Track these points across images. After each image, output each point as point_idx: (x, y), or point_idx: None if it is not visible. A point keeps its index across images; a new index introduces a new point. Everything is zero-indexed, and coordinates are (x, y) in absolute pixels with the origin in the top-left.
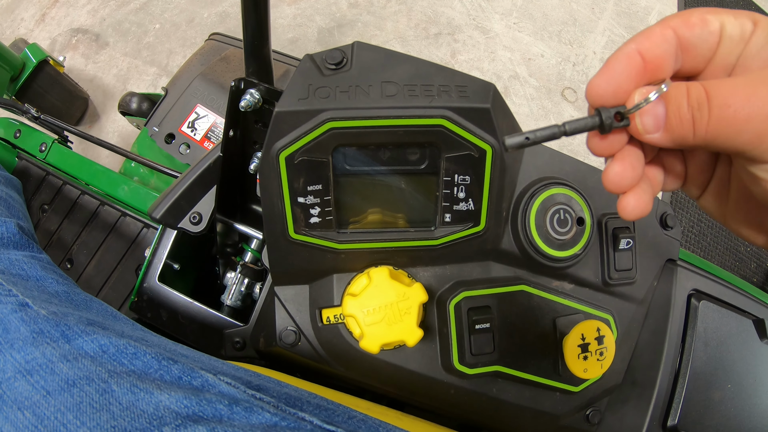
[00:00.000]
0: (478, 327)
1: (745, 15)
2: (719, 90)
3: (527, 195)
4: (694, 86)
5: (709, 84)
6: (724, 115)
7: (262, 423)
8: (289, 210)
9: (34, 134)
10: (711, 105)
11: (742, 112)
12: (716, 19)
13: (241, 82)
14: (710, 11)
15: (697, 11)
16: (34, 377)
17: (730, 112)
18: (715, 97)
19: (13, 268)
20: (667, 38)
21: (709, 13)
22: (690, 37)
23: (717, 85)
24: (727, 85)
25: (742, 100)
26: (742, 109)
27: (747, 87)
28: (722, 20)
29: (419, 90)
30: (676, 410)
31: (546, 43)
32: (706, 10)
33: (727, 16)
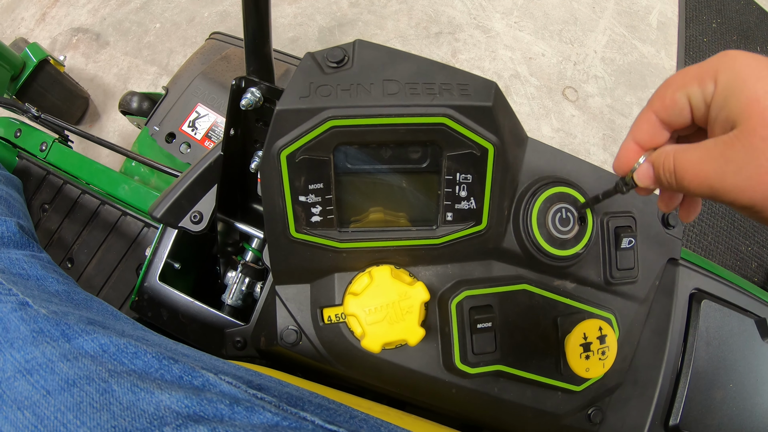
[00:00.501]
0: (480, 326)
1: (709, 74)
2: (680, 161)
3: (529, 194)
4: (667, 156)
5: (677, 154)
6: (684, 177)
7: (264, 423)
8: (291, 209)
9: (35, 133)
10: (676, 171)
11: (695, 180)
12: (683, 95)
13: (242, 80)
14: (679, 86)
15: (670, 89)
16: (34, 377)
17: (687, 176)
18: (678, 166)
19: (14, 267)
20: (651, 122)
21: (678, 90)
22: (666, 117)
23: (681, 156)
24: (686, 157)
25: (695, 170)
26: (695, 177)
27: (699, 159)
28: (688, 94)
29: (421, 88)
30: (678, 410)
31: (547, 42)
32: (677, 85)
33: (692, 87)
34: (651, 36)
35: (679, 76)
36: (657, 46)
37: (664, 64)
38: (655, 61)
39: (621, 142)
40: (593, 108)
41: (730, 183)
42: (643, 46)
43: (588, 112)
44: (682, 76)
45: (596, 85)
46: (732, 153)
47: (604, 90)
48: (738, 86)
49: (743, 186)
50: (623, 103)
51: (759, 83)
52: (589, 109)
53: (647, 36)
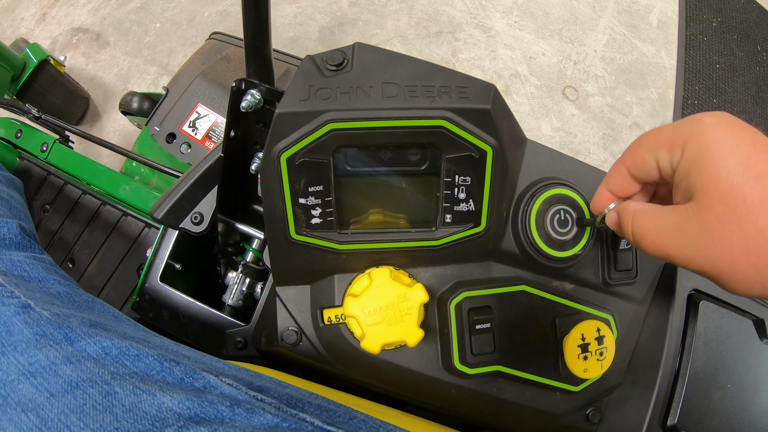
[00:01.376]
0: (479, 327)
1: (679, 142)
2: (638, 222)
3: (528, 195)
4: (627, 214)
5: (636, 215)
6: (642, 240)
7: (264, 424)
8: (290, 211)
9: (35, 134)
10: (633, 231)
11: (651, 245)
12: (652, 157)
13: (242, 82)
14: (650, 149)
15: (641, 149)
16: (38, 379)
17: (645, 240)
18: (635, 227)
19: (15, 269)
20: (622, 175)
21: (647, 152)
22: (635, 173)
23: (640, 218)
24: (645, 220)
25: (651, 235)
26: (651, 243)
27: (656, 227)
28: (657, 157)
29: (420, 91)
30: (676, 410)
31: (547, 42)
32: (647, 147)
33: (661, 151)
34: (651, 35)
35: (651, 137)
36: (657, 45)
37: (665, 63)
38: (656, 60)
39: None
40: (593, 107)
41: (684, 254)
42: (643, 45)
43: (588, 111)
44: (654, 138)
45: (596, 85)
46: (687, 226)
47: (604, 89)
48: (702, 161)
49: (694, 257)
50: (623, 103)
51: (723, 162)
52: (590, 109)
53: (647, 35)
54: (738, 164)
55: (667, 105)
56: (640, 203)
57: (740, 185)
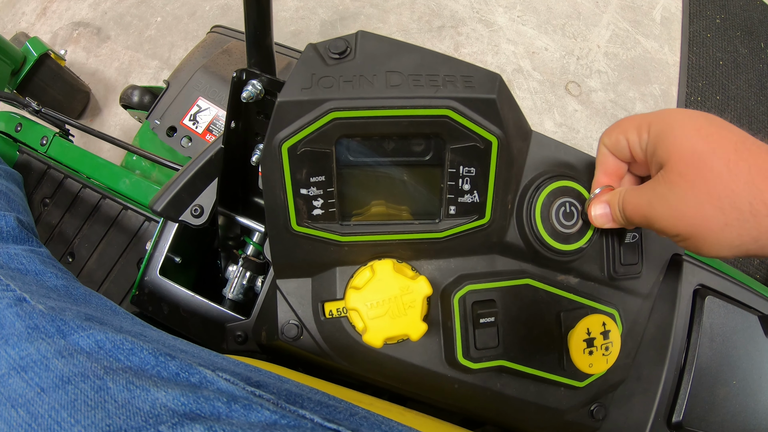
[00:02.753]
0: (483, 321)
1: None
2: (627, 199)
3: (533, 187)
4: (617, 196)
5: (625, 194)
6: (626, 209)
7: (261, 421)
8: (292, 202)
9: (35, 128)
10: (624, 209)
11: (633, 210)
12: (623, 138)
13: (243, 72)
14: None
15: (615, 131)
16: (29, 374)
17: (628, 208)
18: (626, 204)
19: (12, 262)
20: (606, 154)
21: (620, 134)
22: (614, 150)
23: (628, 195)
24: (629, 193)
25: (633, 202)
26: (633, 208)
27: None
28: (627, 138)
29: (424, 80)
30: (681, 406)
31: (550, 37)
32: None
33: (631, 133)
34: (654, 31)
35: (625, 121)
36: (660, 42)
37: (668, 59)
38: (659, 57)
39: None
40: (596, 103)
41: (660, 214)
42: (646, 41)
43: (591, 107)
44: (627, 122)
45: (599, 80)
46: (659, 187)
47: (607, 85)
48: (665, 134)
49: (668, 215)
50: (626, 99)
51: (681, 130)
52: (592, 104)
53: (651, 31)
54: (693, 130)
55: (670, 101)
56: (624, 188)
57: (696, 146)
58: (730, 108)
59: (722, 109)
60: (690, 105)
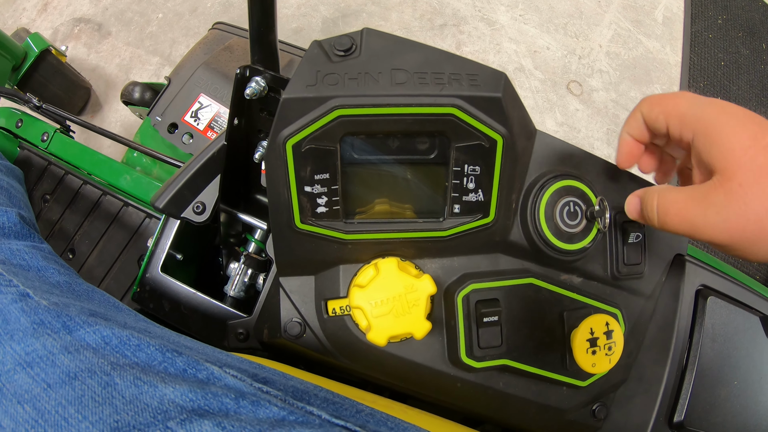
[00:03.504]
0: (486, 320)
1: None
2: (663, 201)
3: (537, 186)
4: (651, 195)
5: (660, 194)
6: (667, 215)
7: (270, 417)
8: (296, 199)
9: (36, 124)
10: (664, 212)
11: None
12: (664, 120)
13: (246, 69)
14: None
15: (656, 109)
16: (35, 369)
17: (670, 214)
18: (660, 205)
19: (14, 258)
20: (638, 120)
21: (661, 114)
22: (650, 125)
23: (664, 196)
24: (669, 198)
25: (678, 209)
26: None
27: (684, 201)
28: (668, 123)
29: (429, 78)
30: (683, 406)
31: (552, 36)
32: (662, 110)
33: (673, 121)
34: (656, 31)
35: (671, 105)
36: (662, 42)
37: (669, 59)
38: (661, 57)
39: None
40: (597, 102)
41: (711, 222)
42: (648, 41)
43: (592, 106)
44: (673, 107)
45: (601, 80)
46: (714, 197)
47: (608, 84)
48: (717, 141)
49: (722, 227)
50: (628, 98)
51: (736, 137)
52: (594, 104)
53: (652, 31)
54: (749, 138)
55: None
56: (661, 188)
57: (755, 154)
58: None
59: None
60: None
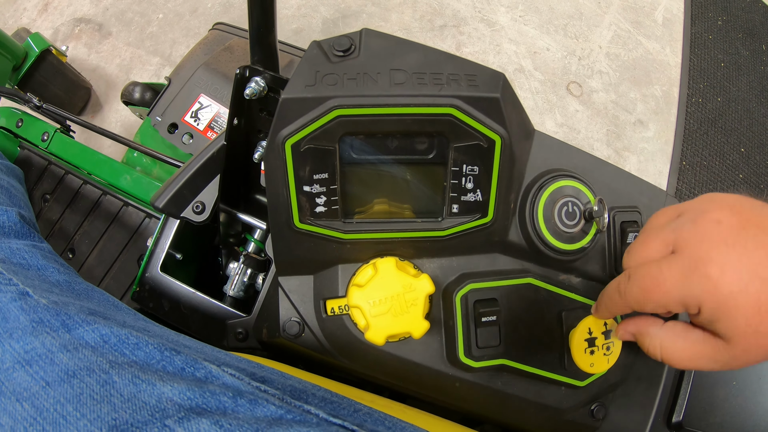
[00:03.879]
0: (485, 320)
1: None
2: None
3: (535, 187)
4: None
5: (665, 340)
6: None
7: (267, 416)
8: (295, 199)
9: (37, 124)
10: (662, 353)
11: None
12: (663, 310)
13: (246, 69)
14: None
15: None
16: (33, 367)
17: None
18: (665, 352)
19: (14, 257)
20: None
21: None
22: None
23: (668, 344)
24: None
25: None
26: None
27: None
28: (669, 310)
29: (428, 78)
30: (681, 407)
31: (552, 37)
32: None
33: (674, 307)
34: (656, 32)
35: (661, 297)
36: (662, 43)
37: (669, 60)
38: (660, 58)
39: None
40: (597, 103)
41: (715, 369)
42: (648, 43)
43: (592, 107)
44: (665, 298)
45: (601, 81)
46: (720, 357)
47: (608, 85)
48: (724, 314)
49: (724, 369)
50: (627, 99)
51: (740, 311)
52: (593, 105)
53: (652, 32)
54: (752, 307)
55: (671, 102)
56: (662, 329)
57: (758, 324)
58: (731, 110)
59: (723, 111)
60: (691, 106)
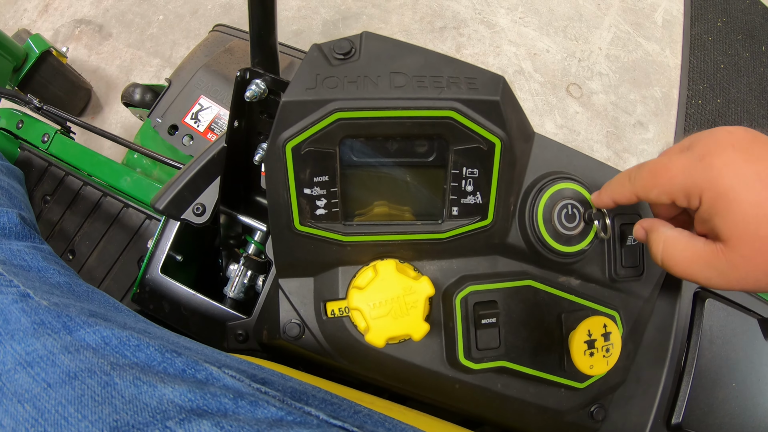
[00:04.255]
0: (484, 322)
1: (695, 192)
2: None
3: (535, 189)
4: (659, 238)
5: (668, 243)
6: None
7: (268, 417)
8: (295, 201)
9: (37, 125)
10: (663, 254)
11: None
12: (668, 198)
13: (246, 72)
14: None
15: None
16: (35, 369)
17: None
18: (666, 253)
19: (15, 258)
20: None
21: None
22: (649, 200)
23: (670, 245)
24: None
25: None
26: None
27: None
28: (673, 198)
29: (428, 81)
30: (681, 408)
31: (551, 39)
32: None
33: (678, 195)
34: (656, 34)
35: (666, 181)
36: (662, 44)
37: (669, 62)
38: (660, 59)
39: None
40: (597, 105)
41: (713, 281)
42: (648, 44)
43: (592, 109)
44: (669, 182)
45: (600, 82)
46: (717, 262)
47: (608, 87)
48: (722, 208)
49: (723, 284)
50: (627, 101)
51: (739, 207)
52: (593, 106)
53: (652, 34)
54: (752, 207)
55: (671, 104)
56: (670, 229)
57: (757, 226)
58: (731, 111)
59: (723, 113)
60: (690, 108)
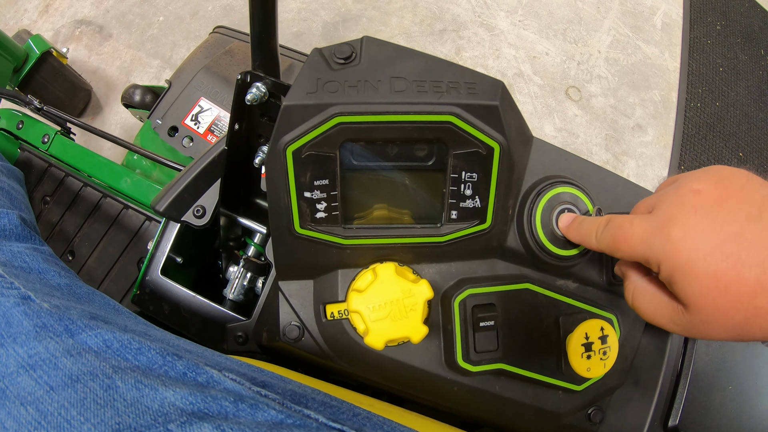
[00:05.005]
0: (483, 324)
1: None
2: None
3: (533, 193)
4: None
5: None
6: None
7: (268, 420)
8: (295, 204)
9: (37, 126)
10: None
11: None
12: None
13: (247, 75)
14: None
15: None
16: (37, 372)
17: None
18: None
19: (15, 260)
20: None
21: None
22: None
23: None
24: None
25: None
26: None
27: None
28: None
29: (428, 86)
30: (678, 411)
31: (551, 42)
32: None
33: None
34: (655, 37)
35: (628, 249)
36: (661, 47)
37: (668, 65)
38: (659, 62)
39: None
40: (596, 108)
41: (677, 332)
42: (647, 47)
43: (591, 111)
44: (630, 251)
45: (599, 85)
46: (679, 320)
47: (607, 90)
48: (679, 279)
49: (686, 335)
50: (626, 104)
51: (696, 281)
52: (592, 109)
53: (651, 37)
54: (709, 280)
55: (670, 107)
56: (640, 278)
57: (714, 299)
58: (730, 114)
59: (721, 116)
60: (690, 111)
